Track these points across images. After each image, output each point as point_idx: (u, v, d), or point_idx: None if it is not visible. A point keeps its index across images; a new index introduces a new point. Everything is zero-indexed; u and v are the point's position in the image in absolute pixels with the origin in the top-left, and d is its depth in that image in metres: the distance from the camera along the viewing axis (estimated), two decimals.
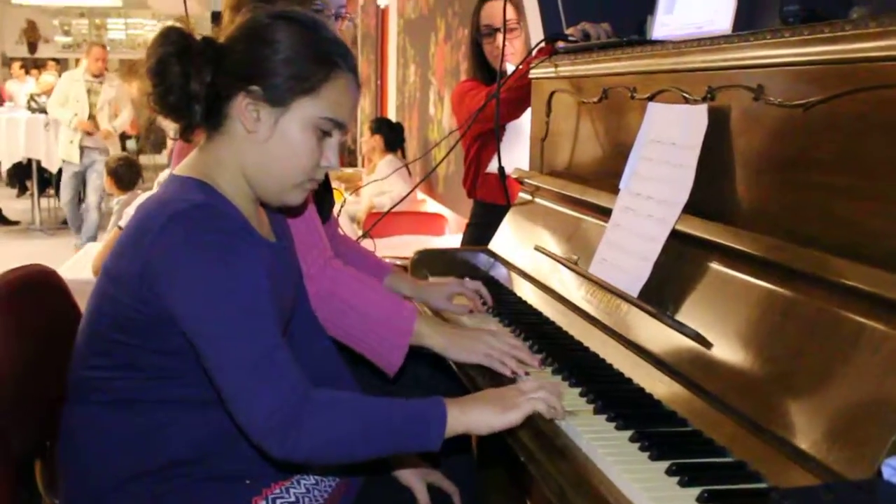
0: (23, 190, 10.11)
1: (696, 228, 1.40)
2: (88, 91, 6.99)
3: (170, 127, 1.34)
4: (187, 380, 1.25)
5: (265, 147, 1.28)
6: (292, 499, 1.29)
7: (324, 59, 1.28)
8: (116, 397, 1.26)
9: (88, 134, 6.97)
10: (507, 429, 1.23)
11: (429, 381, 1.83)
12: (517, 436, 1.25)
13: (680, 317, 1.35)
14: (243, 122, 1.27)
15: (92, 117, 6.98)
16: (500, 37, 2.68)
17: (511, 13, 2.77)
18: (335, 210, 2.06)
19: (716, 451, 1.14)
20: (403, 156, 5.91)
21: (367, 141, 6.12)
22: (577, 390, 1.37)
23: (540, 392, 1.24)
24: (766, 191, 1.32)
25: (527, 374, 1.47)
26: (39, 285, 1.48)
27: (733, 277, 1.30)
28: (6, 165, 8.92)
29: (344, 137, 1.35)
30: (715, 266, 1.35)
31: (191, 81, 1.26)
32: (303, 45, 1.27)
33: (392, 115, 6.97)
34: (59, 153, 7.35)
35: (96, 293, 1.27)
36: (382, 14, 7.84)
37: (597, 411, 1.28)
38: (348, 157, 8.81)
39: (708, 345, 1.26)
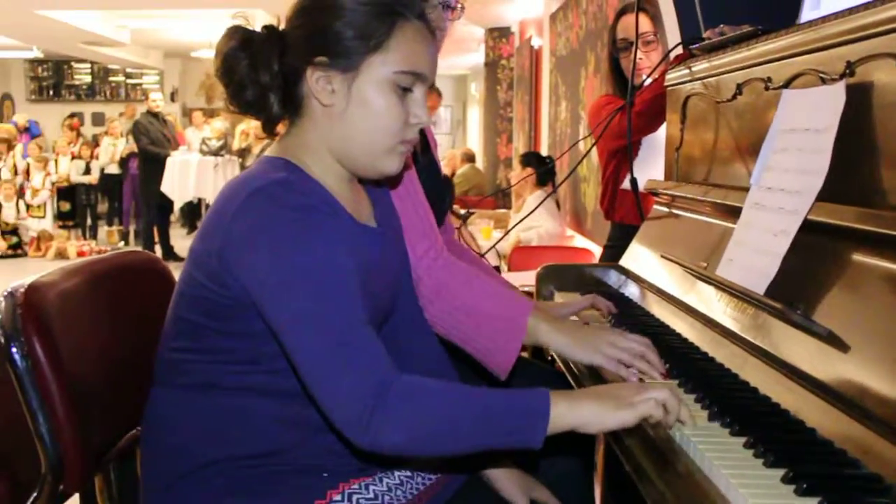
0: (192, 228, 10.67)
1: (833, 216, 1.23)
2: None
3: None
4: (267, 367, 1.20)
5: (345, 118, 1.22)
6: (371, 495, 1.20)
7: (385, 11, 1.21)
8: (196, 381, 1.22)
9: None
10: (618, 429, 1.09)
11: None
12: (621, 440, 1.13)
13: (812, 315, 1.19)
14: (318, 98, 1.22)
15: None
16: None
17: (648, 26, 2.66)
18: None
19: (847, 462, 0.97)
20: (554, 191, 5.80)
21: (517, 175, 6.06)
22: (693, 396, 1.23)
23: (659, 393, 1.09)
24: None
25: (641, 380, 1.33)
26: (143, 271, 1.48)
27: (875, 267, 1.13)
28: (178, 204, 9.45)
29: (427, 86, 1.24)
30: (856, 257, 1.18)
31: (259, 72, 1.22)
32: (361, 3, 1.20)
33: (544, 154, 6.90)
34: None
35: (182, 274, 1.25)
36: (536, 55, 7.83)
37: (711, 417, 1.15)
38: (502, 198, 8.77)
39: (843, 345, 1.10)
